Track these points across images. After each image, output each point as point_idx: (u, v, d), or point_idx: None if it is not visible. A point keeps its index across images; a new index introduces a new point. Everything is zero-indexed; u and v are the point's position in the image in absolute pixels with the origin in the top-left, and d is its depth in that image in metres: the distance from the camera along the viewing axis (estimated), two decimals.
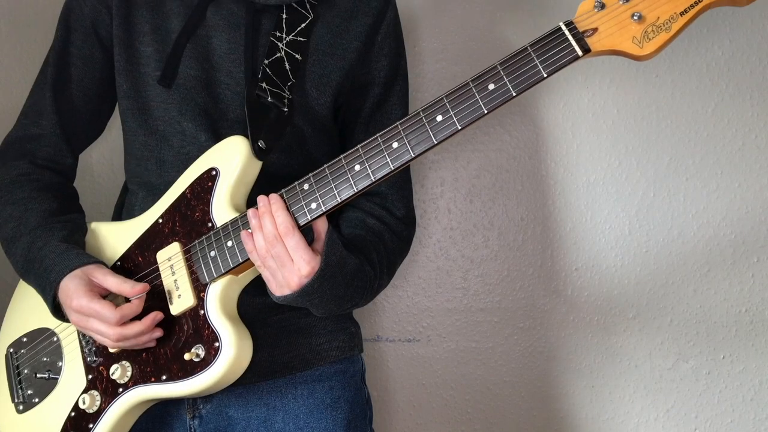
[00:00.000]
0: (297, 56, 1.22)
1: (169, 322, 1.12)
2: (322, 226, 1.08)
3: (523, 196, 1.68)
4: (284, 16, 1.23)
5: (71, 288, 1.10)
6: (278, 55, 1.21)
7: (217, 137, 1.19)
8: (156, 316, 1.10)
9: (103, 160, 1.68)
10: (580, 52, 0.96)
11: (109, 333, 1.09)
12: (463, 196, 1.69)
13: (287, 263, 1.05)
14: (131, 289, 1.10)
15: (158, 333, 1.11)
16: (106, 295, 1.13)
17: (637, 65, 1.64)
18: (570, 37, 0.96)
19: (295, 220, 1.06)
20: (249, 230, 1.08)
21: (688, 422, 1.69)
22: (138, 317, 1.11)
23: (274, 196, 1.07)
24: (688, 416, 1.69)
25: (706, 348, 1.68)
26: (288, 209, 1.07)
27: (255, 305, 1.19)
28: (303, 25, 1.24)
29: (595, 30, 0.97)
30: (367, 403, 1.33)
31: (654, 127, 1.65)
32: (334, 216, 1.16)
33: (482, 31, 1.66)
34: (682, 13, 0.94)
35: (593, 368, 1.69)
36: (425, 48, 1.67)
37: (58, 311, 1.16)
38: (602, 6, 0.97)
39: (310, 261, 1.05)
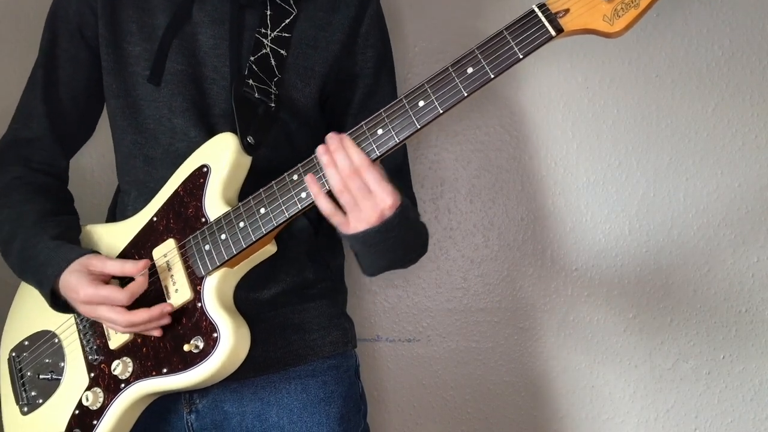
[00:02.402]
0: (282, 52, 1.24)
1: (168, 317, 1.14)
2: (383, 172, 1.08)
3: (523, 196, 1.68)
4: (268, 12, 1.24)
5: (74, 281, 1.11)
6: (264, 51, 1.23)
7: (207, 132, 1.21)
8: (165, 307, 1.11)
9: (102, 161, 1.68)
10: (553, 33, 1.01)
11: (119, 319, 1.10)
12: (463, 196, 1.69)
13: (368, 196, 1.05)
14: (134, 266, 1.12)
15: (165, 321, 1.12)
16: (108, 282, 1.14)
17: (637, 65, 1.64)
18: (543, 19, 1.01)
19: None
20: (313, 173, 1.08)
21: (688, 422, 1.69)
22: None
23: (343, 135, 1.07)
24: (688, 416, 1.69)
25: (706, 348, 1.68)
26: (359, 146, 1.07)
27: (249, 301, 1.20)
28: (287, 21, 1.25)
29: (567, 11, 1.01)
30: (361, 397, 1.33)
31: (654, 127, 1.65)
32: None
33: (484, 31, 1.66)
34: None
35: (593, 368, 1.69)
36: (424, 48, 1.67)
37: (57, 304, 1.17)
38: None
39: (393, 193, 1.05)
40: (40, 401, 1.23)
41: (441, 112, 1.04)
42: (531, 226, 1.69)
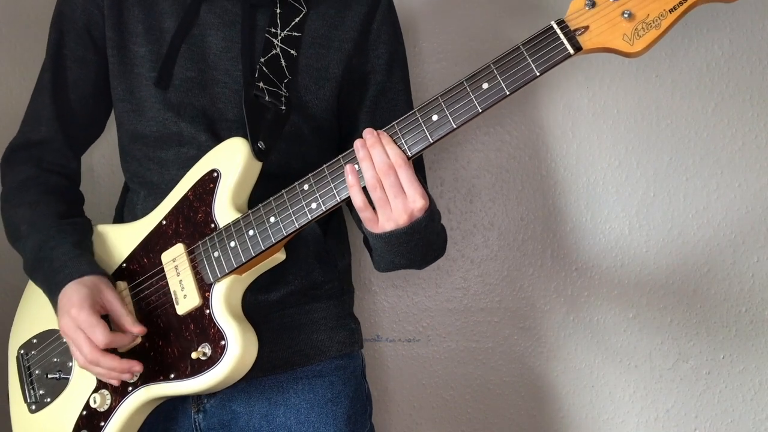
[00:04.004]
0: (292, 52, 1.22)
1: (176, 322, 1.14)
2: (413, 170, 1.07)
3: (523, 196, 1.68)
4: (278, 10, 1.23)
5: (80, 296, 1.10)
6: (274, 52, 1.21)
7: (216, 137, 1.20)
8: (134, 366, 1.10)
9: (104, 161, 1.68)
10: (571, 51, 0.98)
11: (87, 353, 1.08)
12: (463, 196, 1.69)
13: (400, 195, 1.03)
14: (131, 326, 1.11)
15: (126, 377, 1.11)
16: (105, 316, 1.13)
17: (637, 65, 1.64)
18: (561, 36, 0.98)
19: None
20: (353, 164, 1.06)
21: (688, 422, 1.69)
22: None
23: (381, 131, 1.06)
24: (688, 416, 1.69)
25: (706, 348, 1.68)
26: (396, 143, 1.05)
27: (257, 303, 1.19)
28: (297, 20, 1.24)
29: (586, 28, 0.99)
30: (368, 398, 1.34)
31: (654, 127, 1.65)
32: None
33: (483, 31, 1.66)
34: (671, 10, 0.96)
35: (593, 368, 1.69)
36: (426, 48, 1.67)
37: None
38: (593, 4, 0.98)
39: (424, 195, 1.04)
40: (48, 400, 1.24)
41: (455, 127, 1.02)
42: (531, 226, 1.69)
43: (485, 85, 1.01)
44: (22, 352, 1.28)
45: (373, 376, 1.71)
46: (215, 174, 1.16)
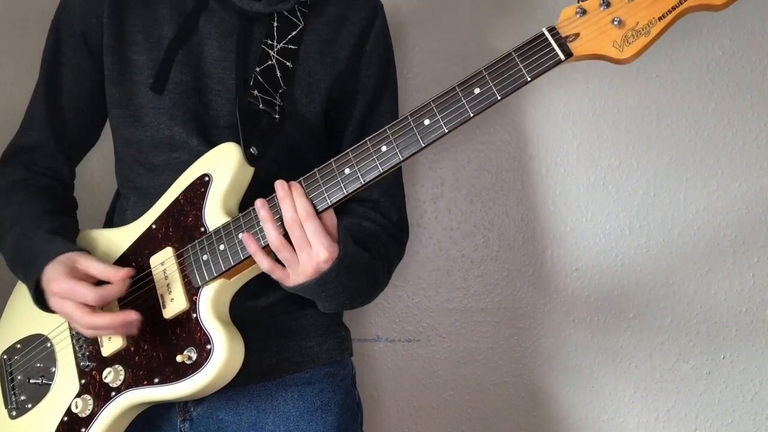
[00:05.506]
0: (288, 64, 1.23)
1: (163, 326, 1.13)
2: (332, 220, 1.08)
3: (523, 196, 1.68)
4: (275, 24, 1.24)
5: (54, 273, 1.10)
6: (269, 62, 1.22)
7: (209, 143, 1.20)
8: (128, 315, 1.08)
9: (104, 162, 1.68)
10: (562, 57, 1.00)
11: (80, 319, 1.08)
12: (463, 196, 1.69)
13: (305, 248, 1.05)
14: (116, 273, 1.10)
15: (131, 330, 1.10)
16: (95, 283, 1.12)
17: (637, 65, 1.63)
18: (553, 42, 1.00)
19: (314, 207, 1.07)
20: (250, 232, 1.08)
21: (688, 422, 1.69)
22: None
23: (293, 183, 1.08)
24: (689, 416, 1.69)
25: (706, 348, 1.68)
26: (307, 195, 1.07)
27: (246, 308, 1.19)
28: (294, 33, 1.25)
29: (577, 35, 1.00)
30: (358, 406, 1.33)
31: (654, 127, 1.65)
32: None
33: (483, 31, 1.66)
34: (660, 18, 0.98)
35: (593, 368, 1.69)
36: (425, 48, 1.67)
37: (39, 299, 1.15)
38: (584, 12, 1.00)
39: (329, 247, 1.05)
40: (29, 406, 1.23)
41: (446, 131, 1.03)
42: (531, 226, 1.69)
43: (477, 90, 1.02)
44: (5, 357, 1.27)
45: (373, 376, 1.71)
46: (206, 178, 1.16)
